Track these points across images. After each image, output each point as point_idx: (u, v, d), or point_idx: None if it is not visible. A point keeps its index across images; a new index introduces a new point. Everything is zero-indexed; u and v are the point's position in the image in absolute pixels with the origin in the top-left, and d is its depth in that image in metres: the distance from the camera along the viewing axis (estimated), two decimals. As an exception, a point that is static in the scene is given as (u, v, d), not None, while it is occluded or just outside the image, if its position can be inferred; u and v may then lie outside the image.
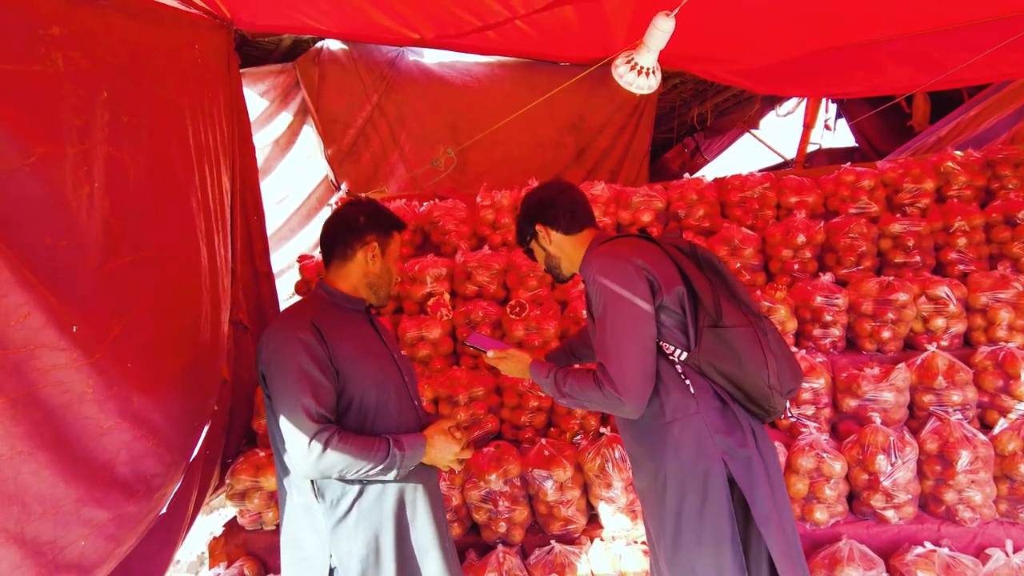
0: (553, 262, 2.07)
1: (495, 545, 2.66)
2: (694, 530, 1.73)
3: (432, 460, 1.86)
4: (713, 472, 1.71)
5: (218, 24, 2.81)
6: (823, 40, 3.39)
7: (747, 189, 3.66)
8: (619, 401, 1.69)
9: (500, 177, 4.90)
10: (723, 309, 1.75)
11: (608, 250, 1.85)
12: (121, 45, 1.81)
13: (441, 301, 3.37)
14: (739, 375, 1.73)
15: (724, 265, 1.88)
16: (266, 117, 4.55)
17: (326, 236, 1.95)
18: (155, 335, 1.90)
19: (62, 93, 1.43)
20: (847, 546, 2.45)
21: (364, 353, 1.84)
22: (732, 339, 1.72)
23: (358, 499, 1.76)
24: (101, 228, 1.57)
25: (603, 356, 1.73)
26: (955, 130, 4.85)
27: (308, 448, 1.63)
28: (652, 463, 1.82)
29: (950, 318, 2.98)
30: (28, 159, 1.30)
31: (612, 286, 1.74)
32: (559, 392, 1.85)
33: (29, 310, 1.28)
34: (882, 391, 2.72)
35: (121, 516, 1.70)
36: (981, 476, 2.49)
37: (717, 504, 1.71)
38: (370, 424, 1.80)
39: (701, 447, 1.73)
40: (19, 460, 1.31)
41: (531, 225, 2.04)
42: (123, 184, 1.71)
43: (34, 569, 1.39)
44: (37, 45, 1.37)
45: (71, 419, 1.46)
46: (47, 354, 1.34)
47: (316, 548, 1.77)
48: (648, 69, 2.95)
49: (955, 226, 3.28)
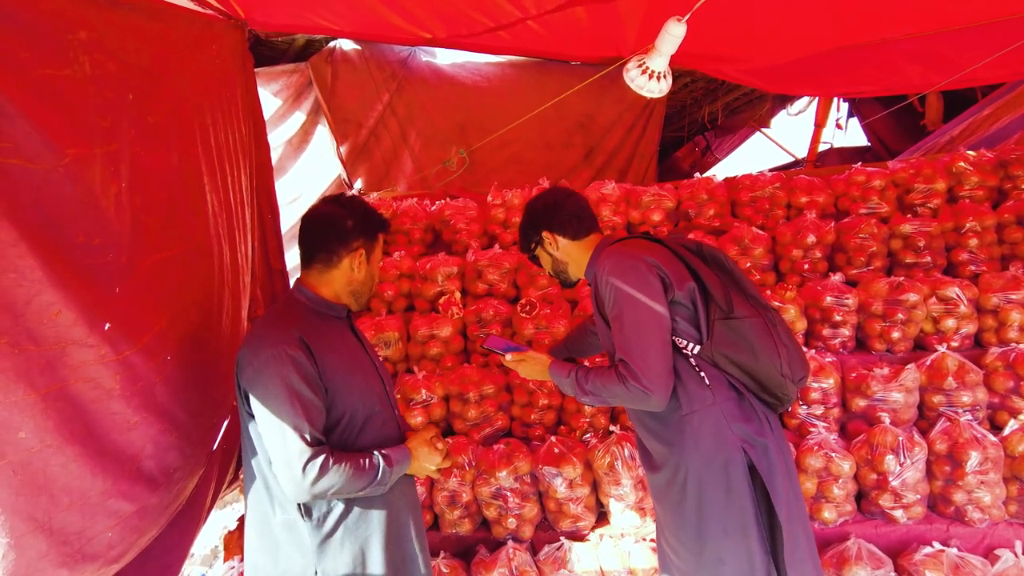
0: (560, 267, 2.10)
1: (505, 541, 2.68)
2: (720, 519, 1.77)
3: (414, 470, 1.85)
4: (734, 460, 1.76)
5: (233, 24, 2.84)
6: (836, 39, 3.38)
7: (758, 189, 3.67)
8: (646, 394, 1.72)
9: (508, 176, 4.93)
10: (733, 301, 1.79)
11: (618, 250, 1.89)
12: (143, 47, 1.84)
13: (452, 299, 3.40)
14: (753, 364, 1.77)
15: (731, 261, 1.93)
16: (279, 116, 4.59)
17: (308, 236, 1.83)
18: (191, 329, 1.95)
19: (89, 95, 1.47)
20: (855, 545, 2.47)
21: (351, 367, 1.78)
22: (744, 329, 1.77)
23: (344, 515, 1.71)
24: (131, 226, 1.61)
25: (625, 352, 1.76)
26: (968, 130, 4.81)
27: (303, 474, 1.55)
28: (672, 456, 1.85)
29: (960, 319, 2.97)
30: (63, 160, 1.34)
31: (626, 285, 1.77)
32: (581, 391, 1.88)
33: (60, 308, 1.32)
34: (891, 391, 2.73)
35: (145, 508, 1.74)
36: (991, 477, 2.50)
37: (740, 492, 1.75)
38: (355, 439, 1.75)
39: (720, 436, 1.77)
40: (48, 453, 1.35)
41: (537, 232, 2.07)
42: (153, 183, 1.75)
43: (59, 558, 1.44)
44: (66, 49, 1.41)
45: (101, 414, 1.50)
46: (76, 351, 1.38)
47: (299, 566, 1.69)
48: (660, 73, 2.96)
49: (967, 226, 3.27)
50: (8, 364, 1.26)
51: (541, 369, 2.06)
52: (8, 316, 1.26)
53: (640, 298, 1.76)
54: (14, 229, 1.24)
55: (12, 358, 1.27)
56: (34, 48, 1.32)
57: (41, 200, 1.30)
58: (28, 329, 1.29)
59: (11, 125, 1.24)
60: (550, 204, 2.07)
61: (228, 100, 2.51)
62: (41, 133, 1.29)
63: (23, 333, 1.28)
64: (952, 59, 3.68)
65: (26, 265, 1.26)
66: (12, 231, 1.24)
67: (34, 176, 1.29)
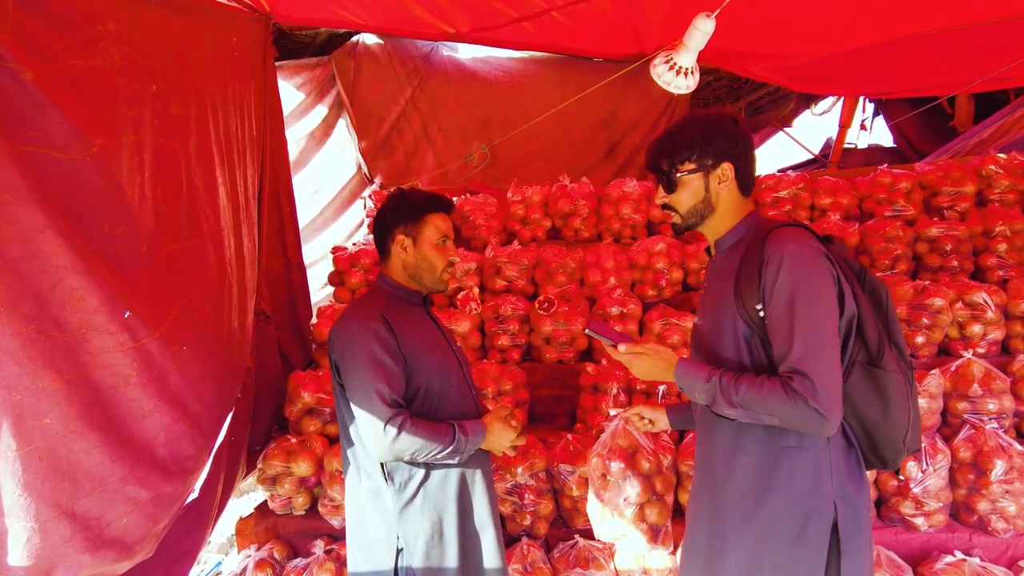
0: (706, 210, 1.66)
1: (519, 537, 2.68)
2: (776, 561, 1.56)
3: (490, 445, 1.95)
4: (822, 513, 1.53)
5: (257, 18, 2.86)
6: (868, 35, 3.32)
7: (781, 189, 3.62)
8: (821, 419, 1.41)
9: (530, 172, 4.92)
10: (884, 348, 1.55)
11: (804, 237, 1.55)
12: (168, 39, 1.86)
13: (470, 295, 3.40)
14: (879, 422, 1.55)
15: (890, 300, 1.66)
16: (302, 110, 4.62)
17: (373, 233, 2.04)
18: (203, 319, 1.98)
19: (118, 86, 1.49)
20: (875, 552, 2.43)
21: (428, 344, 1.93)
22: (885, 383, 1.53)
23: (424, 482, 1.86)
24: (153, 216, 1.64)
25: (804, 363, 1.43)
26: (999, 131, 4.72)
27: (384, 432, 1.72)
28: (751, 486, 1.60)
29: (988, 324, 2.92)
30: (90, 150, 1.36)
31: (816, 283, 1.49)
32: (726, 401, 1.51)
33: (83, 294, 1.34)
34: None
35: (159, 496, 1.77)
36: (1016, 487, 2.44)
37: (810, 544, 1.53)
38: (433, 411, 1.89)
39: (817, 484, 1.54)
40: (72, 439, 1.38)
41: (717, 156, 1.62)
42: (173, 174, 1.78)
43: (82, 543, 1.46)
44: (96, 40, 1.43)
45: (118, 401, 1.52)
46: (97, 337, 1.41)
47: (383, 531, 1.86)
48: (687, 69, 2.94)
49: (996, 231, 3.21)
50: (36, 351, 1.29)
51: (666, 367, 1.63)
52: (35, 303, 1.28)
53: (826, 304, 1.47)
54: (42, 216, 1.27)
55: (39, 344, 1.29)
56: (66, 38, 1.34)
57: (69, 189, 1.33)
58: (53, 315, 1.32)
59: (42, 115, 1.26)
60: (743, 135, 1.64)
61: (242, 92, 2.52)
62: (71, 123, 1.31)
63: (49, 320, 1.31)
64: (984, 59, 3.61)
65: (52, 252, 1.28)
66: (40, 218, 1.26)
67: (63, 165, 1.32)
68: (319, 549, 2.66)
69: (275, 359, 3.11)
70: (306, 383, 2.89)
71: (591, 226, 3.87)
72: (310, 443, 2.80)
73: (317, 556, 2.64)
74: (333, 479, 2.66)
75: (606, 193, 3.87)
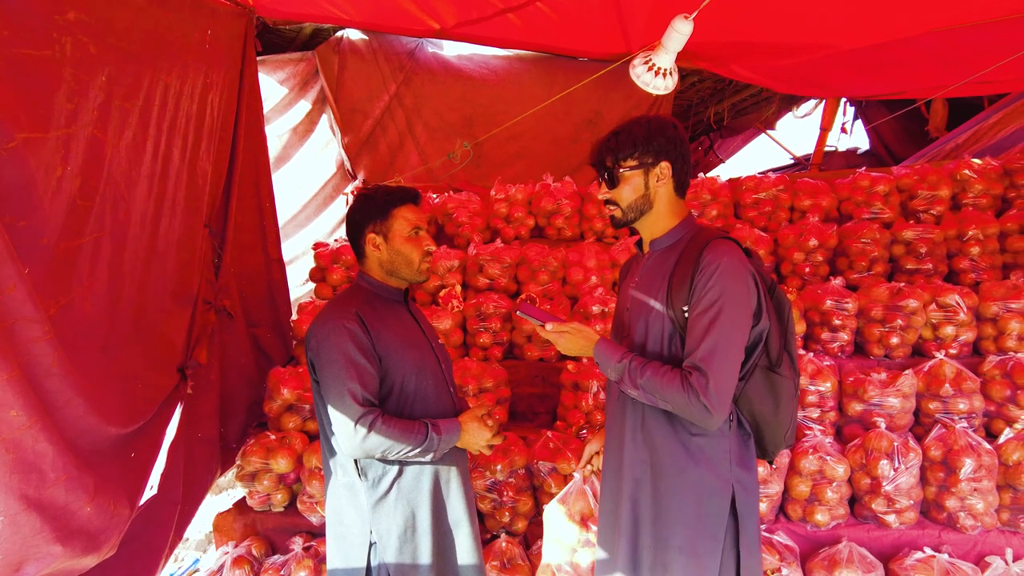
0: (643, 206, 1.77)
1: (498, 534, 2.69)
2: (681, 535, 1.71)
3: (465, 444, 1.95)
4: (721, 494, 1.70)
5: (240, 12, 2.84)
6: (851, 39, 3.35)
7: (761, 190, 3.66)
8: (707, 414, 1.56)
9: (515, 171, 4.93)
10: (782, 358, 1.74)
11: (735, 250, 1.68)
12: (135, 30, 1.84)
13: (452, 293, 3.40)
14: (768, 419, 1.74)
15: (791, 312, 1.81)
16: (285, 105, 4.59)
17: (347, 236, 2.05)
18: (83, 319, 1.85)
19: (62, 77, 1.46)
20: (847, 548, 2.47)
21: (404, 342, 1.93)
22: (779, 387, 1.73)
23: (397, 479, 1.88)
24: (65, 210, 1.61)
25: (706, 361, 1.57)
26: (973, 137, 4.81)
27: (354, 430, 1.73)
28: (663, 462, 1.75)
29: (960, 326, 2.98)
30: (8, 144, 1.34)
31: (738, 292, 1.62)
32: (631, 383, 1.68)
33: (15, 283, 1.32)
34: (888, 396, 2.73)
35: (103, 483, 1.70)
36: (984, 484, 2.50)
37: (713, 522, 1.70)
38: (408, 408, 1.90)
39: (719, 468, 1.71)
40: (36, 429, 1.36)
41: (657, 155, 1.72)
42: (98, 166, 1.74)
43: (53, 534, 1.44)
44: (51, 29, 1.41)
45: (45, 390, 1.49)
46: (26, 326, 1.38)
47: (357, 525, 1.89)
48: (665, 70, 2.96)
49: (969, 234, 3.27)
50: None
51: (586, 344, 1.80)
52: None
53: (743, 311, 1.62)
54: None
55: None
56: (15, 26, 1.31)
57: None
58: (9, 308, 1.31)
59: None
60: (682, 139, 1.75)
61: (207, 85, 2.48)
62: None
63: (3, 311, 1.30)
64: (966, 62, 3.65)
65: None
66: None
67: None
68: (297, 546, 2.65)
69: (247, 355, 3.07)
70: (286, 379, 2.87)
71: (574, 225, 3.89)
72: (289, 439, 2.78)
73: (295, 553, 2.63)
74: (312, 476, 2.65)
75: (589, 192, 3.89)
